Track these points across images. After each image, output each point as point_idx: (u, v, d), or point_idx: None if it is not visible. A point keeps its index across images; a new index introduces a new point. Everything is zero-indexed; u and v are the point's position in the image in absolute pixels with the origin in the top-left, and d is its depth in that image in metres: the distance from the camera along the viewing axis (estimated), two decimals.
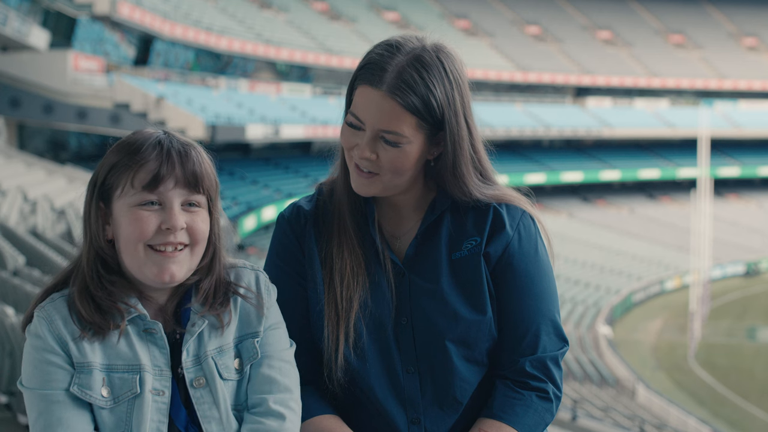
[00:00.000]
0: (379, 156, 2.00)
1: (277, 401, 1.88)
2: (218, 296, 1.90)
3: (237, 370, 1.88)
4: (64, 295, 1.85)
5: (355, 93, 2.03)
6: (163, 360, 1.84)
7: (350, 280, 2.06)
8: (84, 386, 1.79)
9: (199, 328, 1.86)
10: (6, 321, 6.22)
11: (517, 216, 2.10)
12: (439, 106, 1.98)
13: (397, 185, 2.04)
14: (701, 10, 70.42)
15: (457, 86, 2.01)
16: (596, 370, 30.25)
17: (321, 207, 2.14)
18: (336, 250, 2.09)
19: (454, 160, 2.03)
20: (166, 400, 1.82)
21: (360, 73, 2.02)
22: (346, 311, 2.05)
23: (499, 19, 64.53)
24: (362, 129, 2.01)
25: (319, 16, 55.33)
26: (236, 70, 46.10)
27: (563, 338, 2.11)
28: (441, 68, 1.99)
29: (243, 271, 1.95)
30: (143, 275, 1.83)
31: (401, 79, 1.97)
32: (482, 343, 2.07)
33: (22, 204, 17.45)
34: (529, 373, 2.07)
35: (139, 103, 32.42)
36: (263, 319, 1.92)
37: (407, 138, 1.98)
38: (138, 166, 1.82)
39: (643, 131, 59.08)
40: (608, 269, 45.46)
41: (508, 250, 2.08)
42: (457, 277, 2.07)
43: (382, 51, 2.01)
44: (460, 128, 2.02)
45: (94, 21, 35.84)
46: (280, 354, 1.93)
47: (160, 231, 1.82)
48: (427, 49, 2.01)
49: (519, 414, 2.04)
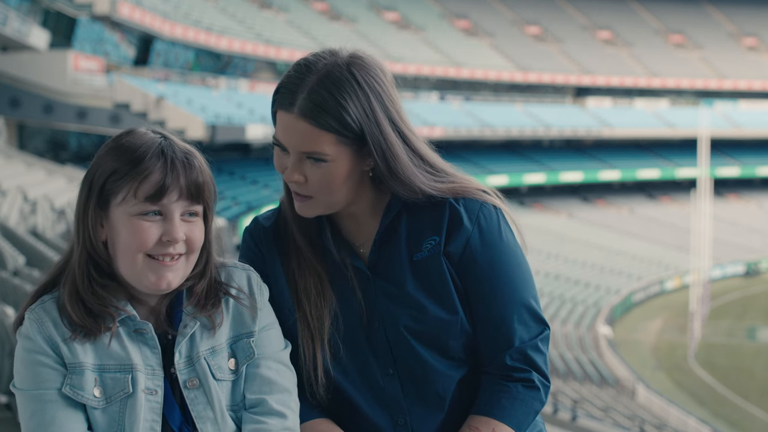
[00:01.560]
0: (307, 178, 1.97)
1: (278, 401, 1.88)
2: (210, 298, 1.89)
3: (232, 371, 1.88)
4: (54, 296, 1.85)
5: (276, 117, 2.00)
6: (155, 360, 1.84)
7: (317, 298, 2.04)
8: (76, 387, 1.79)
9: (191, 329, 1.86)
10: (6, 321, 6.23)
11: (475, 209, 2.06)
12: (355, 121, 1.94)
13: (335, 203, 2.01)
14: (701, 10, 70.43)
15: (375, 95, 1.96)
16: (596, 370, 30.26)
17: (281, 224, 2.12)
18: (297, 271, 2.07)
19: (387, 167, 1.98)
20: (159, 399, 1.82)
21: (274, 98, 2.00)
22: (318, 329, 2.03)
23: (499, 19, 64.54)
24: (287, 152, 1.99)
25: (319, 16, 55.35)
26: (236, 70, 46.12)
27: (542, 322, 2.08)
28: (353, 82, 1.95)
29: (234, 271, 1.95)
30: (139, 283, 1.83)
31: (311, 100, 1.94)
32: (455, 341, 2.06)
33: (22, 204, 17.46)
34: (510, 366, 2.05)
35: (139, 103, 32.42)
36: (257, 318, 1.92)
37: (330, 155, 1.95)
38: (142, 176, 1.80)
39: (643, 131, 59.09)
40: (608, 269, 45.47)
41: (468, 245, 2.05)
42: (421, 278, 2.05)
43: (293, 72, 1.98)
44: (386, 136, 1.97)
45: (94, 21, 35.85)
46: (277, 355, 1.93)
47: (160, 242, 1.81)
48: (338, 64, 1.97)
49: (506, 407, 2.04)
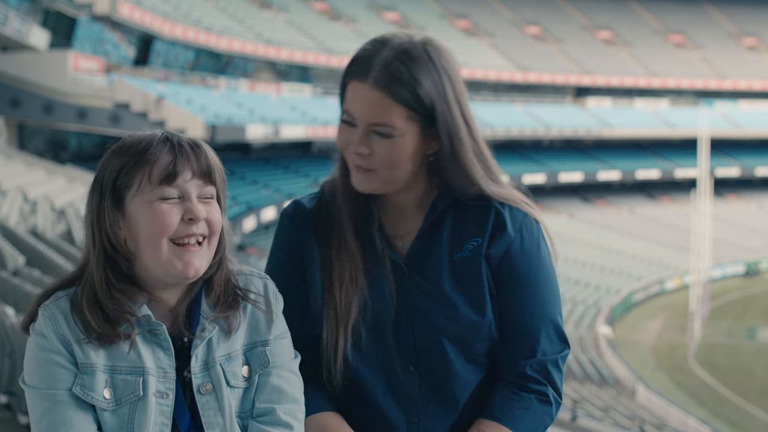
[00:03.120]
0: (373, 150, 1.99)
1: (286, 411, 1.87)
2: (228, 296, 1.89)
3: (245, 378, 1.87)
4: (68, 293, 1.84)
5: (346, 90, 2.02)
6: (167, 362, 1.82)
7: (348, 284, 2.05)
8: (86, 387, 1.78)
9: (209, 333, 1.85)
10: (6, 321, 6.22)
11: (519, 217, 2.08)
12: (428, 96, 1.97)
13: (395, 180, 2.02)
14: (701, 10, 70.43)
15: (447, 77, 2.00)
16: (596, 370, 30.25)
17: (323, 207, 2.13)
18: (335, 254, 2.08)
19: (452, 149, 2.01)
20: (170, 402, 1.81)
21: (348, 70, 2.02)
22: (344, 315, 2.04)
23: (499, 19, 64.54)
24: (355, 125, 2.00)
25: (319, 16, 55.34)
26: (236, 70, 46.10)
27: (565, 341, 2.10)
28: (428, 60, 1.98)
29: (251, 279, 1.94)
30: (167, 273, 1.82)
31: (387, 70, 1.96)
32: (481, 344, 2.07)
33: (22, 204, 17.46)
34: (530, 376, 2.06)
35: (139, 103, 32.42)
36: (272, 326, 1.91)
37: (398, 129, 1.97)
38: (152, 162, 1.80)
39: (643, 131, 59.10)
40: (608, 269, 45.47)
41: (509, 251, 2.06)
42: (458, 278, 2.06)
43: (369, 46, 2.00)
44: (454, 118, 2.00)
45: (94, 21, 35.84)
46: (289, 365, 1.92)
47: (182, 223, 1.80)
48: (414, 43, 2.00)
49: (518, 416, 2.04)
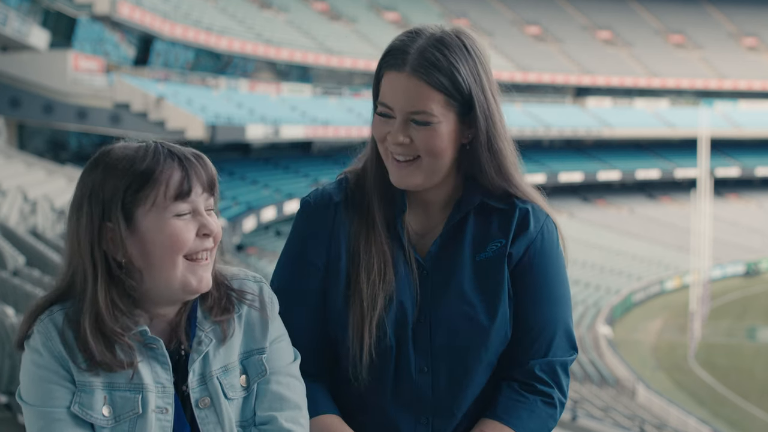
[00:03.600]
0: (412, 139, 1.98)
1: (288, 419, 1.86)
2: (222, 299, 1.87)
3: (243, 388, 1.86)
4: (63, 308, 1.80)
5: (381, 82, 2.01)
6: (165, 377, 1.81)
7: (377, 277, 2.03)
8: (85, 406, 1.76)
9: (206, 347, 1.84)
10: (6, 321, 6.22)
11: (541, 218, 2.09)
12: (465, 82, 1.98)
13: (437, 171, 2.01)
14: (701, 10, 70.42)
15: (481, 64, 2.01)
16: (596, 370, 30.25)
17: (350, 197, 2.10)
18: (364, 246, 2.05)
19: (488, 135, 2.02)
20: (170, 417, 1.79)
21: (384, 62, 2.01)
22: (371, 309, 2.02)
23: (499, 19, 64.53)
24: (392, 116, 1.99)
25: (319, 16, 55.33)
26: (236, 70, 46.09)
27: (574, 346, 2.10)
28: (463, 47, 1.99)
29: (246, 283, 1.92)
30: (182, 289, 1.79)
31: (424, 58, 1.96)
32: (497, 345, 2.06)
33: (22, 204, 17.45)
34: (538, 377, 2.05)
35: (139, 103, 32.42)
36: (268, 332, 1.89)
37: (437, 117, 1.97)
38: (165, 179, 1.77)
39: (643, 131, 59.09)
40: (608, 269, 45.47)
41: (529, 250, 2.06)
42: (480, 279, 2.05)
43: (404, 37, 2.02)
44: (490, 104, 2.02)
45: (94, 21, 35.84)
46: (287, 369, 1.91)
47: (197, 238, 1.79)
48: (447, 31, 2.01)
49: (522, 418, 2.03)
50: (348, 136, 41.44)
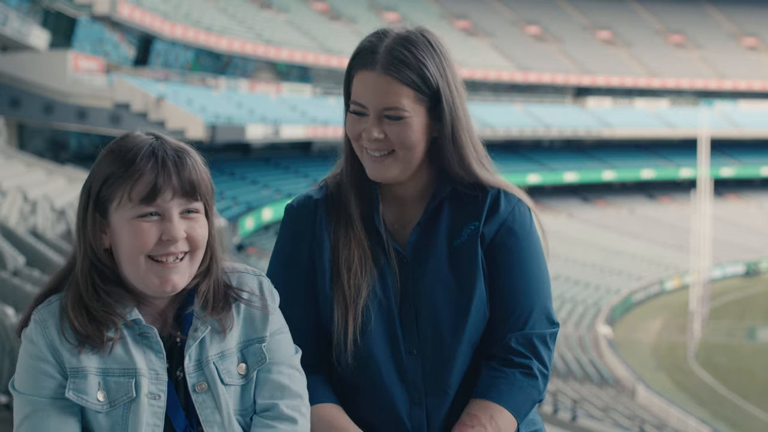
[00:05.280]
0: (386, 134, 2.07)
1: (289, 406, 1.89)
2: (218, 299, 1.89)
3: (242, 375, 1.88)
4: (60, 297, 1.85)
5: (353, 82, 2.10)
6: (159, 364, 1.83)
7: (357, 268, 2.12)
8: (79, 391, 1.78)
9: (202, 333, 1.86)
10: (6, 321, 6.23)
11: (513, 201, 2.18)
12: (433, 77, 2.07)
13: (410, 162, 2.10)
14: (701, 10, 70.42)
15: (446, 60, 2.11)
16: (596, 370, 30.25)
17: (330, 196, 2.21)
18: (343, 241, 2.15)
19: (452, 128, 2.11)
20: (162, 404, 1.82)
21: (354, 62, 2.11)
22: (354, 298, 2.11)
23: (499, 19, 64.53)
24: (366, 114, 2.09)
25: (319, 16, 55.34)
26: (236, 70, 46.10)
27: (553, 321, 2.16)
28: (428, 44, 2.09)
29: (245, 276, 1.94)
30: (145, 286, 1.83)
31: (393, 56, 2.06)
32: (479, 326, 2.13)
33: (22, 204, 17.44)
34: (514, 349, 2.11)
35: (139, 103, 32.42)
36: (268, 323, 1.91)
37: (408, 112, 2.06)
38: (134, 179, 1.80)
39: (643, 131, 59.09)
40: (608, 269, 45.47)
41: (501, 229, 2.15)
42: (458, 263, 2.14)
43: (371, 38, 2.11)
44: (454, 98, 2.10)
45: (94, 21, 35.84)
46: (289, 360, 1.93)
47: (160, 242, 1.81)
48: (412, 30, 2.11)
49: (504, 392, 2.09)
50: None
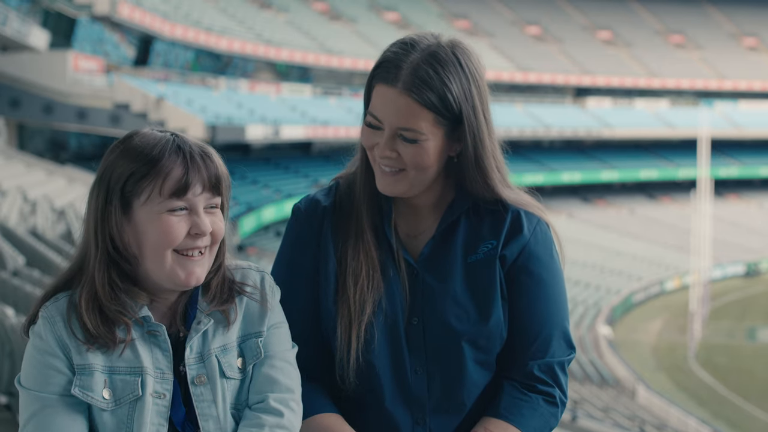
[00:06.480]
0: (399, 153, 1.99)
1: (278, 400, 1.89)
2: (224, 292, 1.91)
3: (240, 369, 1.89)
4: (68, 294, 1.84)
5: (372, 92, 2.01)
6: (165, 363, 1.84)
7: (364, 282, 2.04)
8: (85, 388, 1.78)
9: (205, 326, 1.87)
10: (6, 321, 6.22)
11: (534, 221, 2.09)
12: (456, 101, 1.96)
13: (422, 181, 2.02)
14: (701, 10, 70.42)
15: (474, 81, 1.99)
16: (596, 371, 30.25)
17: (338, 202, 2.13)
18: (351, 251, 2.07)
19: (475, 153, 2.01)
20: (167, 403, 1.82)
21: (376, 72, 2.00)
22: (359, 313, 2.03)
23: (499, 19, 64.53)
24: (381, 128, 1.99)
25: (319, 16, 55.33)
26: (236, 70, 46.10)
27: (571, 345, 2.11)
28: (457, 64, 1.97)
29: (249, 272, 1.96)
30: (169, 280, 1.83)
31: (416, 75, 1.94)
32: (491, 346, 2.07)
33: (22, 204, 17.45)
34: (537, 377, 2.06)
35: (139, 104, 32.42)
36: (266, 318, 1.92)
37: (425, 135, 1.96)
38: (164, 173, 1.80)
39: (643, 131, 59.09)
40: (608, 269, 45.47)
41: (523, 252, 2.07)
42: (472, 280, 2.06)
43: (397, 49, 1.99)
44: (479, 122, 2.00)
45: (94, 21, 35.86)
46: (283, 354, 1.93)
47: (188, 236, 1.82)
48: (442, 45, 1.99)
49: (525, 416, 2.04)
50: (348, 137, 41.40)
